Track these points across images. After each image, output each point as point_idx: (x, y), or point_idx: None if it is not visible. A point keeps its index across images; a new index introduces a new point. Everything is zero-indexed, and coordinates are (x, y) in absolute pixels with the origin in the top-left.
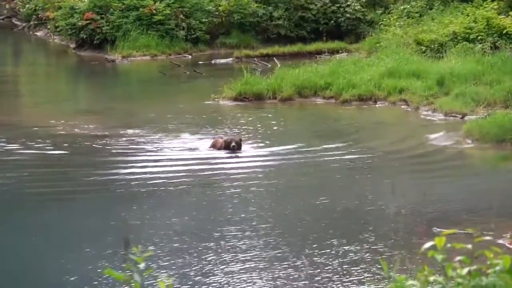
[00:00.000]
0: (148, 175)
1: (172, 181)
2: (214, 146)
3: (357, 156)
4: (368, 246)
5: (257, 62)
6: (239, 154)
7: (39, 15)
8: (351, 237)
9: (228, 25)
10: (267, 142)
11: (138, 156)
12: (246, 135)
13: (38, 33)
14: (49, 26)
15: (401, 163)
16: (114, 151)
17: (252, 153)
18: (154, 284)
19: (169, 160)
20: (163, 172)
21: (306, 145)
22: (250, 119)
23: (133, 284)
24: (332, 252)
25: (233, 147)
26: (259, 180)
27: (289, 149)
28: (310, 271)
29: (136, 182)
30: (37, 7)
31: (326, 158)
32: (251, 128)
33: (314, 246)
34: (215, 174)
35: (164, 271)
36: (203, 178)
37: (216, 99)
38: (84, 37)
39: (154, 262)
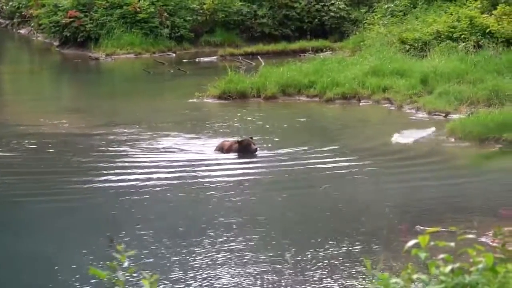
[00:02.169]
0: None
1: (161, 182)
2: (220, 149)
3: (340, 155)
4: (352, 245)
5: (241, 61)
6: (224, 156)
7: (23, 13)
8: (335, 236)
9: (212, 23)
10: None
11: (126, 158)
12: (231, 134)
13: (22, 31)
14: (32, 24)
15: (384, 162)
16: (101, 152)
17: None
18: (139, 282)
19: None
20: (150, 173)
21: (291, 144)
22: (234, 118)
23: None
24: (317, 250)
25: (255, 150)
26: (245, 181)
27: (274, 149)
28: (295, 270)
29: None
30: (20, 5)
31: (310, 158)
32: (235, 126)
33: (298, 244)
34: (202, 176)
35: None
36: (192, 180)
37: (200, 98)
38: (68, 35)
39: (138, 261)
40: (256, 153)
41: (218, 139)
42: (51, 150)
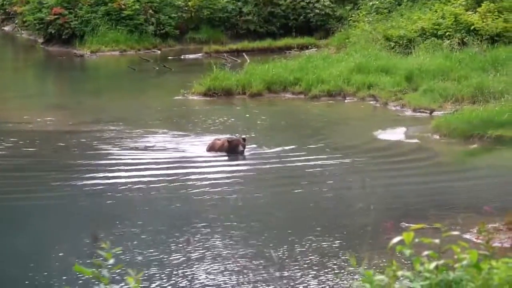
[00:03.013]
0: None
1: (146, 180)
2: (212, 148)
3: (325, 152)
4: (337, 242)
5: (227, 58)
6: (209, 154)
7: (7, 10)
8: (321, 233)
9: (198, 20)
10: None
11: (112, 156)
12: (218, 132)
13: (6, 28)
14: (16, 21)
15: (369, 159)
16: (86, 151)
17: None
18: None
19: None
20: (135, 172)
21: (275, 142)
22: (220, 115)
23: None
24: (301, 247)
25: (241, 151)
26: (230, 179)
27: (259, 146)
28: (280, 266)
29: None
30: (4, 2)
31: (295, 155)
32: (221, 124)
33: (284, 241)
34: (187, 174)
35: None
36: (177, 178)
37: (186, 95)
38: (52, 32)
39: (123, 258)
40: (243, 153)
41: (204, 137)
42: (35, 148)
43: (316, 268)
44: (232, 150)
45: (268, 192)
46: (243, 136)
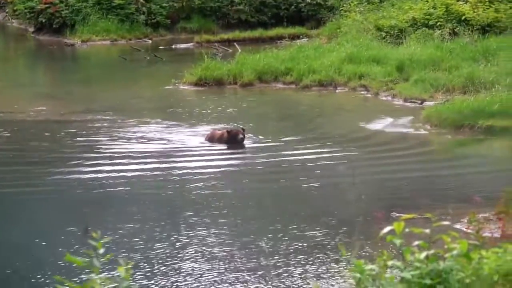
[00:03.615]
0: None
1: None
2: (211, 138)
3: (317, 143)
4: (328, 231)
5: (218, 47)
6: (202, 145)
7: None
8: (312, 222)
9: (189, 10)
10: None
11: (103, 147)
12: (208, 122)
13: None
14: (7, 10)
15: (360, 149)
16: (78, 142)
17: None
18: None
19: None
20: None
21: (266, 132)
22: (211, 105)
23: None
24: (293, 237)
25: (241, 139)
26: (221, 170)
27: (250, 137)
28: (271, 257)
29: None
30: None
31: (286, 145)
32: (212, 114)
33: (275, 231)
34: (180, 165)
35: (123, 255)
36: (170, 170)
37: (177, 84)
38: (43, 21)
39: (113, 248)
40: (243, 142)
41: (196, 128)
42: (26, 138)
43: (306, 257)
44: (232, 139)
45: (258, 182)
46: (243, 128)
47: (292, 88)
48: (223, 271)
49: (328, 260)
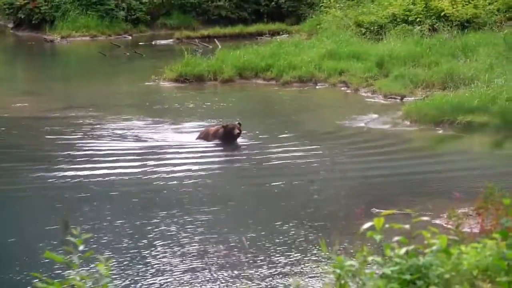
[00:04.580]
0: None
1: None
2: (206, 135)
3: (297, 139)
4: (308, 227)
5: (198, 44)
6: (185, 142)
7: None
8: (292, 218)
9: (169, 6)
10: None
11: (82, 145)
12: (189, 119)
13: None
14: None
15: (340, 145)
16: (58, 140)
17: (193, 137)
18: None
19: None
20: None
21: (246, 129)
22: (192, 102)
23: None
24: (273, 233)
25: (237, 134)
26: (202, 164)
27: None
28: (252, 252)
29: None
30: None
31: (266, 142)
32: (194, 111)
33: (255, 228)
34: (162, 163)
35: (102, 252)
36: (152, 168)
37: (157, 80)
38: (22, 17)
39: (93, 245)
40: (239, 136)
41: (177, 125)
42: (6, 135)
43: (286, 254)
44: (228, 134)
45: (239, 179)
46: (239, 122)
47: (273, 84)
48: (203, 268)
49: (308, 256)
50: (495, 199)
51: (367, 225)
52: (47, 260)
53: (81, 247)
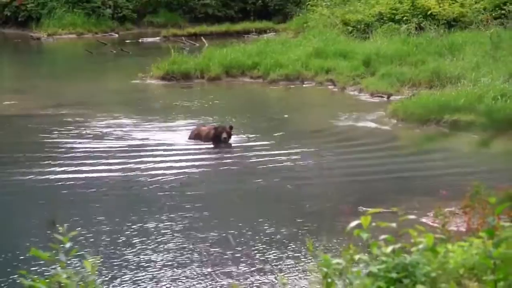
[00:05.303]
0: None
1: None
2: (198, 136)
3: (284, 137)
4: (295, 226)
5: (185, 41)
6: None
7: None
8: (278, 217)
9: (156, 3)
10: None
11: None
12: (177, 117)
13: None
14: None
15: (327, 143)
16: (45, 139)
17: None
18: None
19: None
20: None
21: (236, 127)
22: (179, 100)
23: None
24: (259, 232)
25: (224, 139)
26: (188, 161)
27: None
28: (238, 250)
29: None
30: None
31: (253, 140)
32: (180, 109)
33: (241, 226)
34: (147, 161)
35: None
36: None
37: (144, 78)
38: (8, 14)
39: (79, 243)
40: (227, 142)
41: (165, 123)
42: None
43: (273, 252)
44: (217, 138)
45: (225, 178)
46: (230, 126)
47: (259, 83)
48: (184, 264)
49: (295, 254)
50: (482, 197)
51: (354, 223)
52: (31, 258)
53: (68, 245)
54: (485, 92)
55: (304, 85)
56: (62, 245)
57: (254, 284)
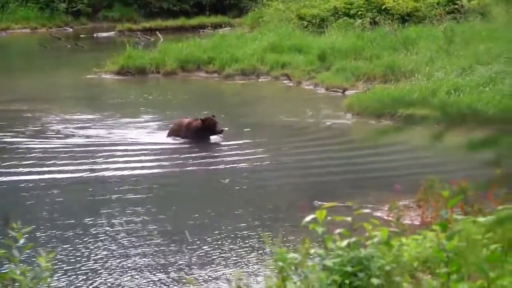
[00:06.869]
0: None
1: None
2: (178, 129)
3: (234, 133)
4: (251, 221)
5: (140, 36)
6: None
7: None
8: (235, 212)
9: None
10: (152, 121)
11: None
12: (132, 113)
13: None
14: None
15: (282, 138)
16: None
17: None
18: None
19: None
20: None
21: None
22: (135, 94)
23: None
24: (216, 227)
25: (221, 131)
26: (143, 155)
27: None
28: (194, 246)
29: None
30: None
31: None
32: (137, 104)
33: (198, 222)
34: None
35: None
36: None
37: (98, 73)
38: None
39: (34, 239)
40: (221, 134)
41: (120, 119)
42: None
43: (229, 247)
44: (207, 129)
45: (179, 175)
46: (213, 115)
47: (215, 77)
48: (141, 257)
49: (251, 249)
50: (435, 191)
51: (309, 217)
52: None
53: (21, 241)
54: (439, 86)
55: (259, 80)
56: (16, 244)
57: (210, 277)
